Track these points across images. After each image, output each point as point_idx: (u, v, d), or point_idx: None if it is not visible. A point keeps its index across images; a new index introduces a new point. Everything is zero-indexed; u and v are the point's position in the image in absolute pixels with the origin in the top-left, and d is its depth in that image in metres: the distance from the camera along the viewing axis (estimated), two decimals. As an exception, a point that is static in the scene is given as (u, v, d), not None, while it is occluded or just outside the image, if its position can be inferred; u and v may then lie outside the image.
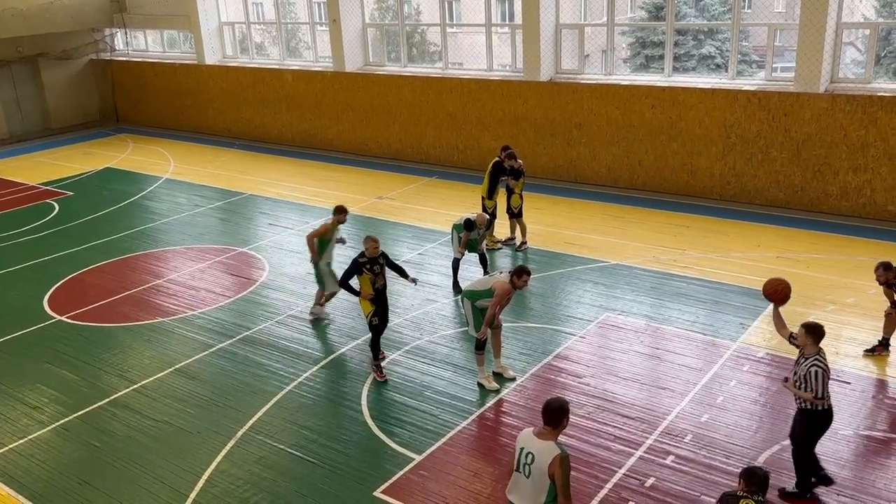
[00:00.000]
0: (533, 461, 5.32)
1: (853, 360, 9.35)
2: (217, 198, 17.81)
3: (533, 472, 5.32)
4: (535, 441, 5.38)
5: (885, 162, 13.53)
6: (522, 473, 5.41)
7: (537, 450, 5.33)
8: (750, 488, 5.28)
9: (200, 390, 9.55)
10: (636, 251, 13.05)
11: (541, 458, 5.29)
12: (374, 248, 9.26)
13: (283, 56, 23.05)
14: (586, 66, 17.44)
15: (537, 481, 5.31)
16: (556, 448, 5.30)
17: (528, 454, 5.37)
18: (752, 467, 5.45)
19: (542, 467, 5.27)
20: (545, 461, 5.27)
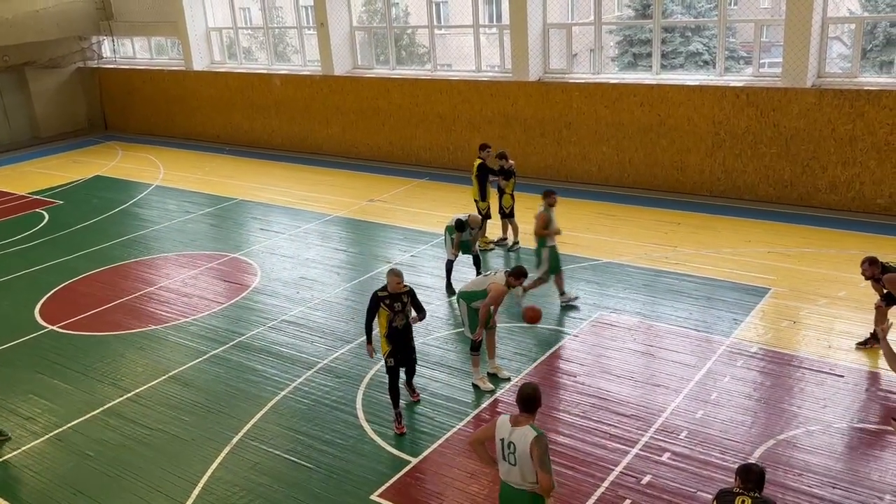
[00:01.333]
0: (515, 449, 5.56)
1: (846, 353, 9.39)
2: (207, 204, 17.76)
3: (518, 459, 5.56)
4: (513, 430, 5.59)
5: (872, 155, 13.60)
6: (507, 462, 5.64)
7: (516, 438, 5.55)
8: (746, 485, 5.29)
9: (194, 397, 9.52)
10: (628, 249, 13.08)
11: (520, 444, 5.52)
12: (397, 284, 8.25)
13: (272, 61, 23.00)
14: (575, 66, 17.47)
15: (523, 466, 5.55)
16: (532, 430, 5.53)
17: (510, 444, 5.59)
18: (747, 464, 5.45)
19: (523, 453, 5.51)
20: (525, 446, 5.49)
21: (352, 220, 15.93)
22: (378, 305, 8.31)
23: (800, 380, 8.93)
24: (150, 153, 23.44)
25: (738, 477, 5.37)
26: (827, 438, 7.85)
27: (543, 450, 5.49)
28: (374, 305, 8.33)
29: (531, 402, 5.62)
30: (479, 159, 13.35)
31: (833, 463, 7.49)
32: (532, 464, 5.49)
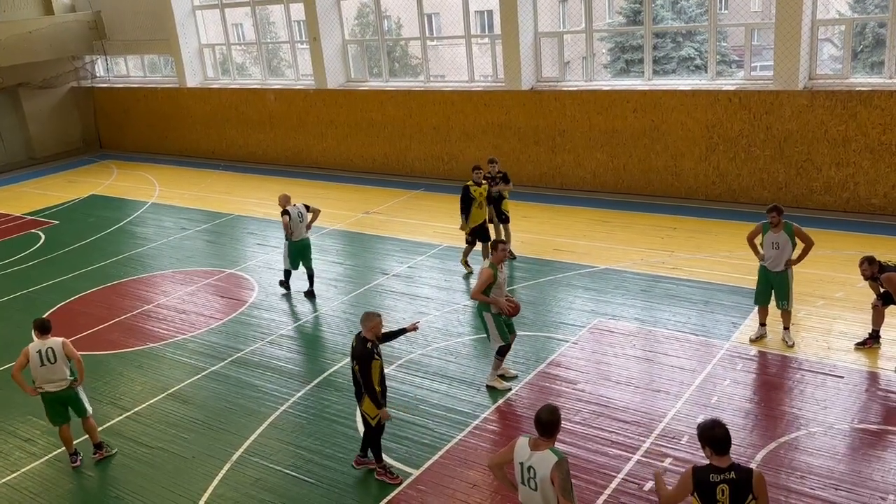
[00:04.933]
0: (535, 474, 5.34)
1: (845, 353, 9.39)
2: (204, 220, 17.75)
3: (539, 484, 5.34)
4: (532, 454, 5.38)
5: (866, 156, 13.64)
6: (528, 487, 5.42)
7: (536, 462, 5.34)
8: (721, 461, 5.09)
9: (194, 414, 9.48)
10: (625, 255, 13.08)
11: (541, 469, 5.31)
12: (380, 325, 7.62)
13: (265, 76, 23.06)
14: (567, 73, 17.54)
15: (545, 491, 5.33)
16: (553, 455, 5.31)
17: (530, 468, 5.37)
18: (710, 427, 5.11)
19: (544, 478, 5.29)
20: (545, 471, 5.28)
21: (348, 232, 15.93)
22: (373, 359, 7.42)
23: (800, 381, 8.93)
24: (146, 171, 23.46)
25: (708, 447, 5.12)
26: (828, 440, 7.83)
27: (565, 475, 5.26)
28: (370, 363, 7.40)
29: (550, 426, 5.38)
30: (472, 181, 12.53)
31: (835, 464, 7.47)
32: (553, 490, 5.28)
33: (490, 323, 9.09)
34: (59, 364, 8.28)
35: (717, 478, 5.03)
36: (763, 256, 9.58)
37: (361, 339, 7.47)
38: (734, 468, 5.06)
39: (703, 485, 5.07)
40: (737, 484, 5.01)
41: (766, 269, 9.58)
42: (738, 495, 5.01)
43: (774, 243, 9.43)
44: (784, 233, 9.38)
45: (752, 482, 5.01)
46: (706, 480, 5.06)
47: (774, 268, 9.50)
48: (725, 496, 5.01)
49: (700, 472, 5.12)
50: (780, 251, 9.43)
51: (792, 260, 9.48)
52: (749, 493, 5.00)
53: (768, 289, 9.64)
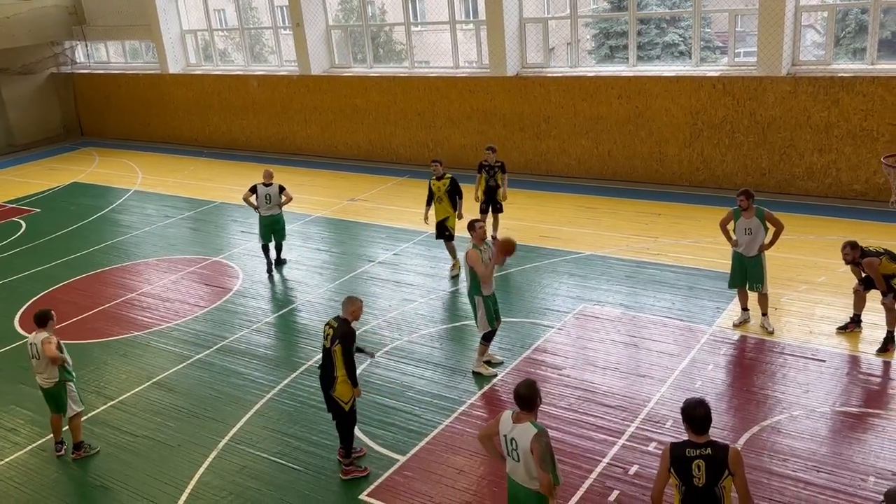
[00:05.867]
0: (517, 446, 5.54)
1: (827, 338, 9.49)
2: (187, 207, 17.63)
3: (521, 455, 5.55)
4: (514, 427, 5.57)
5: (848, 142, 13.73)
6: (512, 458, 5.64)
7: (517, 434, 5.54)
8: (698, 438, 5.14)
9: (179, 403, 9.45)
10: (610, 241, 13.13)
11: (522, 441, 5.50)
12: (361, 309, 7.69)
13: (248, 62, 22.87)
14: (552, 60, 17.51)
15: (527, 462, 5.53)
16: (533, 428, 5.50)
17: (512, 440, 5.58)
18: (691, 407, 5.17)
19: (525, 449, 5.49)
20: (526, 443, 5.48)
21: (333, 220, 15.89)
22: (354, 340, 7.53)
23: (782, 366, 9.02)
24: (128, 158, 23.24)
25: (688, 425, 5.18)
26: (810, 423, 7.93)
27: (544, 447, 5.44)
28: (353, 343, 7.49)
29: (529, 400, 5.54)
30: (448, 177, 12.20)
31: (817, 447, 7.57)
32: (533, 460, 5.46)
33: (480, 307, 9.11)
34: (43, 360, 8.22)
35: (694, 453, 5.11)
36: (736, 242, 9.66)
37: (343, 320, 7.47)
38: (711, 445, 5.13)
39: (679, 460, 5.14)
40: (713, 460, 5.07)
41: (740, 254, 9.66)
42: (713, 471, 5.07)
43: (747, 229, 9.51)
44: (756, 218, 9.47)
45: (728, 459, 5.07)
46: (683, 456, 5.14)
47: (748, 253, 9.59)
48: (701, 471, 5.07)
49: (677, 448, 5.20)
50: (752, 237, 9.51)
51: (764, 245, 9.57)
52: (725, 470, 5.06)
53: (743, 273, 9.74)
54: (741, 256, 9.69)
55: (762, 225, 9.50)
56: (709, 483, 5.08)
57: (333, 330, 7.47)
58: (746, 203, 9.45)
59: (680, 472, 5.14)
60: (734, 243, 9.71)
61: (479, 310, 9.14)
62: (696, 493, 5.12)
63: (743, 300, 9.98)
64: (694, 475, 5.10)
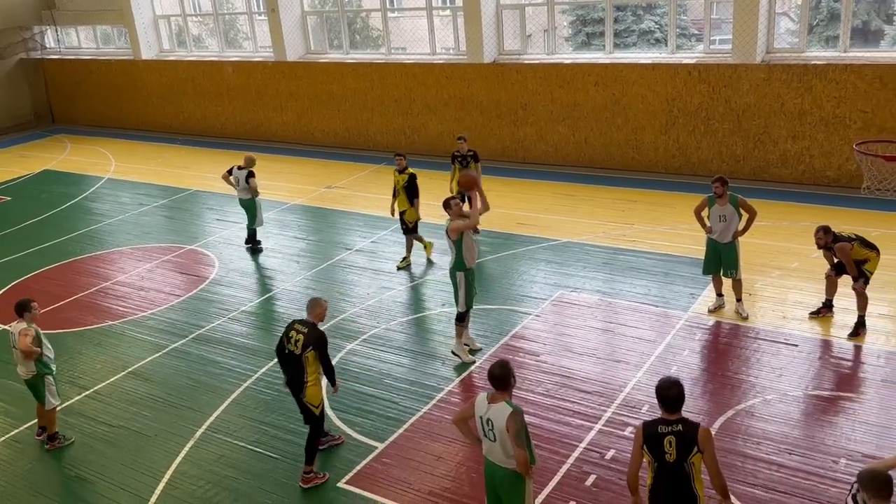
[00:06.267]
0: (493, 426, 5.63)
1: (799, 322, 9.63)
2: (162, 195, 17.44)
3: (497, 435, 5.63)
4: (490, 407, 5.65)
5: (821, 129, 13.89)
6: (489, 438, 5.72)
7: (493, 414, 5.63)
8: (671, 417, 5.28)
9: (155, 392, 9.38)
10: (586, 228, 13.19)
11: (497, 420, 5.59)
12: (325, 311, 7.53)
13: (222, 48, 22.60)
14: (529, 47, 17.49)
15: (503, 441, 5.62)
16: (508, 407, 5.59)
17: (488, 420, 5.66)
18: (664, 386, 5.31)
19: (501, 428, 5.58)
20: (501, 422, 5.57)
21: (310, 207, 15.80)
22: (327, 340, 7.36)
23: (756, 350, 9.14)
24: (101, 145, 22.91)
25: (661, 403, 5.33)
26: (783, 407, 8.05)
27: (519, 425, 5.55)
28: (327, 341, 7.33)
29: (501, 380, 5.64)
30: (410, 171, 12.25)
31: (790, 430, 7.69)
32: (509, 439, 5.57)
33: (462, 283, 9.11)
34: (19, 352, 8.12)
35: (665, 429, 5.26)
36: (710, 229, 9.75)
37: (311, 324, 7.25)
38: (682, 422, 5.27)
39: (651, 437, 5.29)
40: (683, 436, 5.22)
41: (715, 240, 9.75)
42: (683, 447, 5.21)
43: (721, 216, 9.61)
44: (730, 205, 9.56)
45: (698, 436, 5.20)
46: (655, 432, 5.29)
47: (722, 240, 9.69)
48: (673, 447, 5.22)
49: (649, 425, 5.36)
50: (726, 223, 9.61)
51: (738, 231, 9.67)
52: (694, 446, 5.20)
53: (717, 259, 9.84)
54: (715, 243, 9.78)
55: (736, 212, 9.59)
56: (679, 459, 5.22)
57: (304, 336, 7.18)
58: (722, 190, 9.54)
59: (652, 448, 5.29)
60: (708, 230, 9.80)
61: (460, 287, 9.14)
62: (668, 469, 5.26)
63: (717, 286, 10.09)
64: (666, 451, 5.24)
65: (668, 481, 5.28)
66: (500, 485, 5.79)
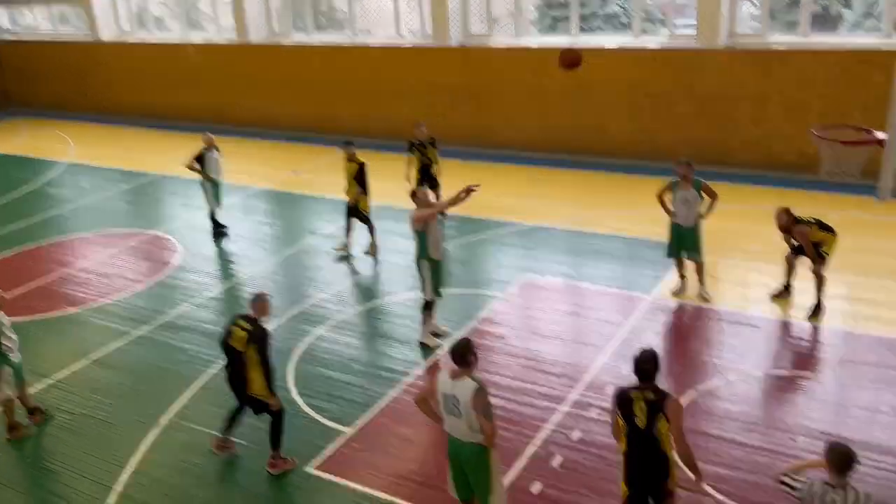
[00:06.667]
0: (458, 402, 5.73)
1: (760, 304, 9.83)
2: (124, 180, 17.16)
3: (462, 411, 5.73)
4: (454, 384, 5.76)
5: (782, 114, 14.11)
6: (453, 415, 5.81)
7: (458, 391, 5.73)
8: (643, 385, 5.51)
9: (120, 380, 9.28)
10: (553, 212, 13.28)
11: (463, 396, 5.70)
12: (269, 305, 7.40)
13: (184, 29, 22.18)
14: (495, 30, 17.45)
15: (468, 417, 5.73)
16: (473, 382, 5.72)
17: (452, 397, 5.76)
18: (639, 357, 5.57)
19: (466, 403, 5.69)
20: (467, 397, 5.68)
21: (276, 192, 15.67)
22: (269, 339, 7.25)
23: (718, 332, 9.32)
24: (59, 129, 22.42)
25: (635, 373, 5.58)
26: (744, 386, 8.23)
27: (485, 399, 5.70)
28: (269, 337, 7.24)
29: (462, 357, 5.76)
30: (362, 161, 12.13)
31: (751, 409, 7.87)
32: (475, 414, 5.68)
33: (426, 273, 9.13)
34: None
35: (636, 394, 5.50)
36: (674, 213, 9.88)
37: (254, 319, 7.11)
38: (654, 390, 5.50)
39: (624, 401, 5.54)
40: (653, 403, 5.44)
41: (678, 224, 9.89)
42: (652, 414, 5.43)
43: (684, 199, 9.75)
44: (693, 189, 9.70)
45: (666, 404, 5.42)
46: (627, 397, 5.54)
47: (685, 223, 9.83)
48: (643, 413, 5.45)
49: (623, 390, 5.60)
50: (689, 207, 9.75)
51: (701, 215, 9.82)
52: (662, 413, 5.41)
53: (680, 242, 9.99)
54: (679, 227, 9.92)
55: (699, 196, 9.73)
56: (648, 424, 5.44)
57: (247, 332, 7.03)
58: (687, 172, 9.65)
59: (624, 412, 5.53)
60: (672, 214, 9.93)
61: (424, 276, 9.17)
62: (639, 435, 5.49)
63: (680, 269, 10.25)
64: (636, 415, 5.47)
65: (639, 447, 5.53)
66: (467, 461, 5.90)
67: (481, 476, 5.91)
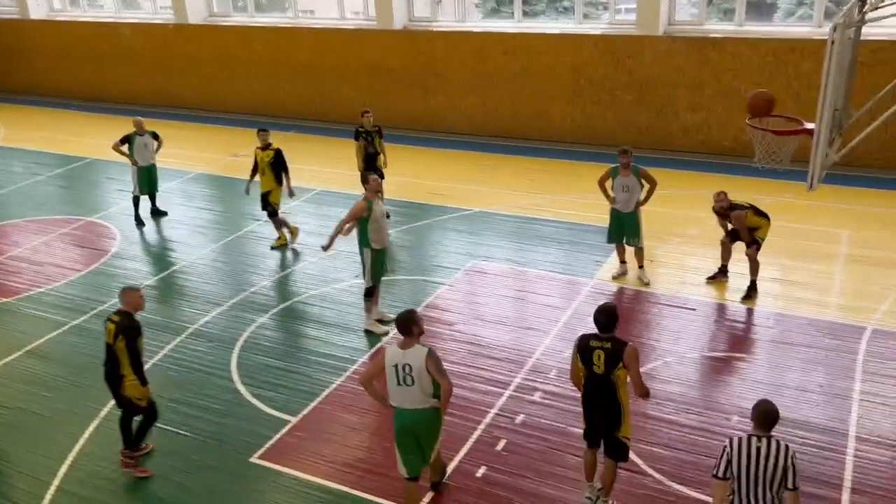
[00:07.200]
0: (412, 369, 6.00)
1: (697, 287, 10.10)
2: (57, 164, 16.61)
3: (416, 378, 6.00)
4: (405, 353, 6.04)
5: (719, 100, 14.44)
6: (406, 385, 6.05)
7: (410, 359, 6.01)
8: (603, 331, 5.95)
9: (56, 371, 9.03)
10: (498, 197, 13.37)
11: (416, 363, 5.99)
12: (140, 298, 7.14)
13: (119, 8, 21.49)
14: (439, 12, 17.39)
15: (422, 382, 6.03)
16: (423, 348, 6.05)
17: (405, 366, 6.01)
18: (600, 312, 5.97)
19: (420, 370, 5.98)
20: (420, 363, 5.98)
21: (216, 176, 15.38)
22: (139, 334, 6.99)
23: (657, 315, 9.55)
24: (-13, 110, 21.54)
25: (596, 325, 5.99)
26: (682, 368, 8.47)
27: (438, 360, 6.07)
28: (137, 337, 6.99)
29: (407, 325, 6.07)
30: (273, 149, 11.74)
31: (687, 390, 8.10)
32: (428, 378, 6.00)
33: (368, 260, 9.12)
34: None
35: (596, 344, 5.98)
36: (614, 199, 10.07)
37: (125, 313, 6.97)
38: (612, 339, 5.97)
39: (583, 349, 6.03)
40: (610, 352, 5.92)
41: (618, 210, 10.08)
42: (610, 361, 5.92)
43: (624, 186, 9.93)
44: (633, 175, 9.90)
45: (624, 353, 5.89)
46: (587, 345, 6.02)
47: (625, 209, 10.03)
48: (601, 360, 5.94)
49: (584, 338, 6.09)
50: (629, 193, 9.95)
51: (640, 201, 10.03)
52: (620, 362, 5.90)
53: (620, 228, 10.18)
54: (619, 212, 10.10)
55: (638, 182, 9.93)
56: (606, 371, 5.94)
57: (115, 325, 6.89)
58: (626, 159, 9.83)
59: (583, 359, 6.02)
60: (612, 200, 10.10)
61: (365, 262, 9.17)
62: (596, 379, 6.01)
63: (621, 254, 10.45)
64: (594, 363, 5.96)
65: (595, 390, 6.04)
66: (421, 427, 6.17)
67: (433, 437, 6.28)
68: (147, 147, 12.74)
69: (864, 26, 6.46)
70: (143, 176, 12.87)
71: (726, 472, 5.08)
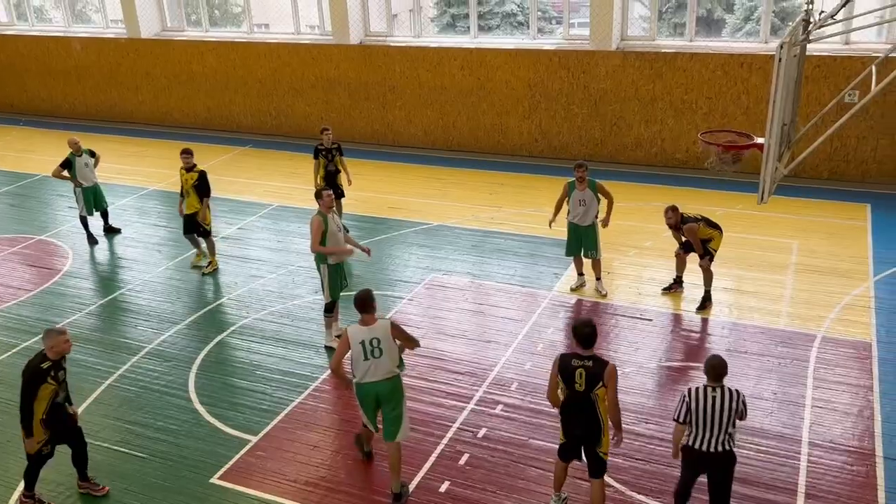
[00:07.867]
0: (379, 342, 6.50)
1: (653, 298, 10.27)
2: (4, 182, 16.20)
3: (384, 348, 6.53)
4: (370, 329, 6.53)
5: (671, 114, 14.76)
6: (374, 357, 6.53)
7: (377, 332, 6.52)
8: (583, 351, 6.07)
9: (6, 395, 8.76)
10: (457, 211, 13.44)
11: (383, 333, 6.53)
12: (65, 343, 6.67)
13: (69, 22, 21.11)
14: (395, 27, 17.47)
15: (390, 352, 6.57)
16: (385, 320, 6.63)
17: (373, 339, 6.50)
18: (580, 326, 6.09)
19: (387, 340, 6.54)
20: (386, 333, 6.54)
21: (171, 193, 15.12)
22: (42, 381, 6.55)
23: (615, 326, 9.68)
24: (-70, 126, 20.92)
25: (576, 340, 6.12)
26: (640, 378, 8.59)
27: (400, 327, 6.73)
28: (36, 384, 6.54)
29: (367, 302, 6.56)
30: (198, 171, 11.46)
31: (645, 400, 8.23)
32: (394, 347, 6.57)
33: (325, 276, 9.11)
34: None
35: (578, 363, 6.07)
36: (571, 213, 10.23)
37: (38, 354, 6.68)
38: (593, 359, 6.08)
39: (565, 368, 6.11)
40: (592, 371, 6.02)
41: (575, 223, 10.24)
42: (591, 381, 6.03)
43: (581, 200, 10.10)
44: (589, 190, 10.07)
45: (605, 372, 6.02)
46: (568, 364, 6.10)
47: (583, 223, 10.19)
48: (582, 379, 6.04)
49: (564, 357, 6.17)
50: (586, 207, 10.13)
51: (604, 221, 10.22)
52: (600, 381, 6.02)
53: (577, 241, 10.34)
54: (576, 226, 10.25)
55: (595, 196, 10.09)
56: (586, 389, 6.04)
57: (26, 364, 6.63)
58: (582, 174, 9.98)
59: (565, 377, 6.11)
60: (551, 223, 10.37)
61: (323, 279, 9.16)
62: (577, 396, 6.10)
63: (579, 266, 10.59)
64: (576, 381, 6.06)
65: (576, 406, 6.15)
66: (387, 395, 6.64)
67: (398, 407, 6.69)
68: (87, 166, 12.59)
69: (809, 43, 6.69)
70: (88, 196, 12.64)
71: (686, 417, 5.92)
